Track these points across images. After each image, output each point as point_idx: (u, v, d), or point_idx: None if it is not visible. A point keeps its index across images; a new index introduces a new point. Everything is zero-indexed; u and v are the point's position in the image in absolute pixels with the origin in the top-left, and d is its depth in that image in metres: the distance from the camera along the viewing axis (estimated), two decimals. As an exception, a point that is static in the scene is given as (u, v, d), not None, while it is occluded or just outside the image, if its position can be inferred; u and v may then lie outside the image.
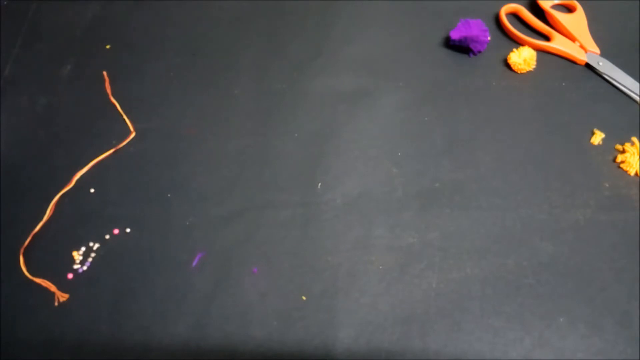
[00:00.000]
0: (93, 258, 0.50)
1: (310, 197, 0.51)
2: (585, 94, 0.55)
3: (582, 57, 0.56)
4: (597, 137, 0.52)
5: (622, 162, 0.51)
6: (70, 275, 0.49)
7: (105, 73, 0.61)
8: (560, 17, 0.59)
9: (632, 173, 0.50)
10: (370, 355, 0.44)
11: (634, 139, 0.52)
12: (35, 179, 0.54)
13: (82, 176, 0.54)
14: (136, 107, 0.58)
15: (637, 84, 0.54)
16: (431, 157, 0.53)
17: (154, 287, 0.48)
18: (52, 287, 0.48)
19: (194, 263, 0.49)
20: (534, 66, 0.57)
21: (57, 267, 0.49)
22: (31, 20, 0.67)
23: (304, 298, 0.47)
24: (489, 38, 0.58)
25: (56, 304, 0.48)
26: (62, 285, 0.48)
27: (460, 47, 0.58)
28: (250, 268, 0.48)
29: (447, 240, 0.48)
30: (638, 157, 0.50)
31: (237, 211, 0.51)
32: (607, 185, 0.50)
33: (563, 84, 0.56)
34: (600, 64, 0.55)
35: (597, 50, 0.56)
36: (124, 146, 0.56)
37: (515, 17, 0.61)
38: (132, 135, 0.56)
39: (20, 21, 0.66)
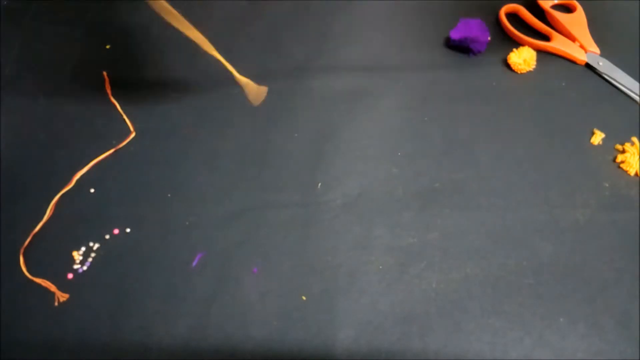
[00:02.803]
0: (93, 258, 0.50)
1: (310, 197, 0.51)
2: (586, 94, 0.55)
3: (582, 57, 0.56)
4: (597, 137, 0.52)
5: (622, 162, 0.51)
6: (70, 275, 0.49)
7: (105, 73, 0.61)
8: (560, 17, 0.59)
9: (632, 173, 0.50)
10: (370, 355, 0.44)
11: (634, 139, 0.52)
12: (35, 179, 0.54)
13: (82, 176, 0.54)
14: (136, 107, 0.58)
15: (637, 83, 0.54)
16: (431, 157, 0.53)
17: (154, 287, 0.48)
18: (52, 287, 0.48)
19: (194, 263, 0.49)
20: (534, 66, 0.57)
21: (57, 267, 0.49)
22: (31, 21, 0.67)
23: (304, 298, 0.47)
24: (489, 38, 0.58)
25: (56, 304, 0.48)
26: (62, 285, 0.48)
27: (460, 47, 0.58)
28: (250, 268, 0.48)
29: (447, 240, 0.48)
30: (638, 157, 0.50)
31: (237, 211, 0.51)
32: (607, 185, 0.50)
33: (563, 84, 0.56)
34: (600, 63, 0.55)
35: (597, 50, 0.56)
36: (124, 146, 0.56)
37: (515, 17, 0.61)
38: (132, 135, 0.56)
39: (20, 21, 0.66)
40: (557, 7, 0.61)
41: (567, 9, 0.61)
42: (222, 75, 0.60)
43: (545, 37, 0.59)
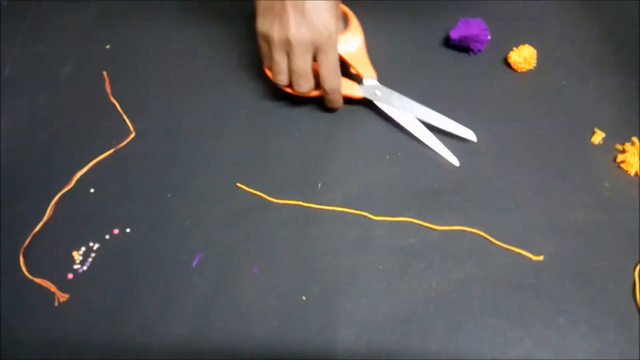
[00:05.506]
0: (93, 258, 0.50)
1: (310, 197, 0.51)
2: (587, 93, 0.55)
3: (358, 93, 0.54)
4: (598, 137, 0.52)
5: (623, 161, 0.51)
6: (70, 275, 0.49)
7: (105, 73, 0.61)
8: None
9: (632, 173, 0.50)
10: (370, 355, 0.44)
11: (634, 139, 0.52)
12: (35, 179, 0.54)
13: (82, 176, 0.54)
14: (136, 107, 0.58)
15: (412, 102, 0.53)
16: (431, 157, 0.53)
17: (154, 287, 0.48)
18: (52, 287, 0.48)
19: (194, 263, 0.49)
20: (534, 65, 0.57)
21: (57, 267, 0.49)
22: (31, 20, 0.67)
23: (304, 298, 0.47)
24: (489, 37, 0.57)
25: (56, 304, 0.48)
26: (62, 285, 0.48)
27: (460, 47, 0.58)
28: (250, 268, 0.48)
29: (447, 240, 0.48)
30: (638, 157, 0.50)
31: (237, 211, 0.51)
32: (607, 185, 0.50)
33: (564, 82, 0.56)
34: (378, 93, 0.54)
35: (374, 76, 0.54)
36: (124, 146, 0.56)
37: None
38: (132, 135, 0.56)
39: (20, 21, 0.66)
40: None
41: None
42: (222, 75, 0.60)
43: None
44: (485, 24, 0.57)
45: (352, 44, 0.53)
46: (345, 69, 0.53)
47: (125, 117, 0.57)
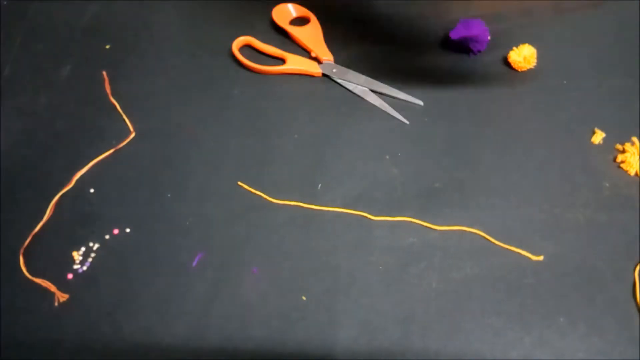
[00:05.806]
0: (93, 258, 0.50)
1: (310, 197, 0.51)
2: (587, 93, 0.55)
3: (316, 70, 0.58)
4: (598, 137, 0.52)
5: (623, 162, 0.51)
6: (70, 275, 0.49)
7: (105, 73, 0.61)
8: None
9: (632, 173, 0.50)
10: (370, 355, 0.44)
11: (634, 139, 0.52)
12: (35, 179, 0.54)
13: (82, 176, 0.54)
14: (136, 107, 0.58)
15: (365, 77, 0.57)
16: (431, 157, 0.53)
17: (154, 287, 0.48)
18: (52, 287, 0.48)
19: (194, 263, 0.49)
20: (534, 64, 0.57)
21: (57, 267, 0.49)
22: (31, 20, 0.67)
23: (304, 298, 0.47)
24: (488, 37, 0.57)
25: (56, 304, 0.48)
26: (62, 285, 0.48)
27: (460, 47, 0.58)
28: (250, 268, 0.48)
29: (447, 240, 0.48)
30: (638, 157, 0.50)
31: (237, 211, 0.51)
32: (607, 185, 0.50)
33: (564, 82, 0.56)
34: (334, 70, 0.57)
35: (331, 58, 0.58)
36: (124, 146, 0.56)
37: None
38: (132, 135, 0.56)
39: (20, 21, 0.66)
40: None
41: (304, 21, 0.62)
42: (222, 75, 0.60)
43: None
44: (485, 24, 0.57)
45: (312, 33, 0.60)
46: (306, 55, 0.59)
47: (125, 117, 0.57)
